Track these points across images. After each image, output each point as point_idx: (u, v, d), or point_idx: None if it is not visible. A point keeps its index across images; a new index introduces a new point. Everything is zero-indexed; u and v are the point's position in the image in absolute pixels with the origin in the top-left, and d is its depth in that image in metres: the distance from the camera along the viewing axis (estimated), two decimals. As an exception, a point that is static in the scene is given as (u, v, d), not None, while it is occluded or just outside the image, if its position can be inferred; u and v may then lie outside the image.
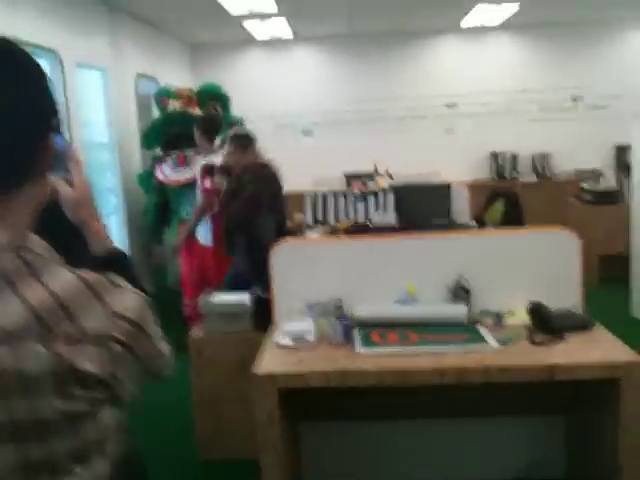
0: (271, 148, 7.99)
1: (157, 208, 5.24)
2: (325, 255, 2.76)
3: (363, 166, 6.59)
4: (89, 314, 0.82)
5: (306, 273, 2.72)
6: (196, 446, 3.14)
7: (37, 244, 0.89)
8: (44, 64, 4.48)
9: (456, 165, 7.93)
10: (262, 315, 2.90)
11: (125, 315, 0.86)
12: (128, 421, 0.95)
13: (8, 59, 0.86)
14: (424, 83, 8.17)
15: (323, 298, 2.66)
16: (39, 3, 4.39)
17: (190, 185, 4.72)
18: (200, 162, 4.48)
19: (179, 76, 7.61)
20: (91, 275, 0.87)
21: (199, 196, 4.45)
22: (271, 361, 2.29)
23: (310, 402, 2.68)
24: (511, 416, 2.76)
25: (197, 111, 5.36)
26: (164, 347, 0.95)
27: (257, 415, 2.15)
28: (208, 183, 4.31)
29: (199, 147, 4.61)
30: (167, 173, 5.05)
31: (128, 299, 0.88)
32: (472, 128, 8.21)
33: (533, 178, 7.93)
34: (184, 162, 5.01)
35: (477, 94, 8.12)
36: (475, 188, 7.43)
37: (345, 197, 4.96)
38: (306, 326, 2.50)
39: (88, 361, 0.81)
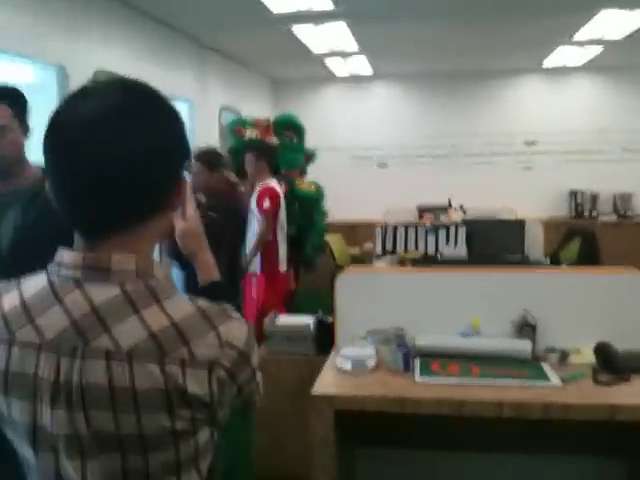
0: (347, 179, 8.25)
1: None
2: (389, 284, 2.80)
3: (438, 200, 6.61)
4: (202, 341, 0.88)
5: (369, 301, 2.77)
6: (254, 461, 3.22)
7: (158, 272, 0.96)
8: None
9: (533, 202, 7.82)
10: (324, 338, 2.96)
11: (234, 344, 0.91)
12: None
13: (160, 101, 0.95)
14: (503, 121, 8.14)
15: (385, 326, 2.70)
16: (135, 38, 4.72)
17: None
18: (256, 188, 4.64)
19: (260, 109, 7.90)
20: (206, 304, 0.93)
21: (256, 222, 4.55)
22: (329, 383, 2.34)
23: (367, 429, 2.71)
24: (571, 455, 2.69)
25: (273, 140, 5.54)
26: (259, 376, 1.00)
27: (312, 435, 2.20)
28: (267, 204, 4.49)
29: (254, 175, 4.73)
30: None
31: (238, 329, 0.93)
32: (551, 166, 8.09)
33: (613, 218, 7.70)
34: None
35: (557, 133, 8.02)
36: (552, 226, 7.31)
37: (416, 229, 4.98)
38: (366, 352, 2.54)
39: (197, 384, 0.88)
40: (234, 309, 0.97)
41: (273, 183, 4.66)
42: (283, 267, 4.72)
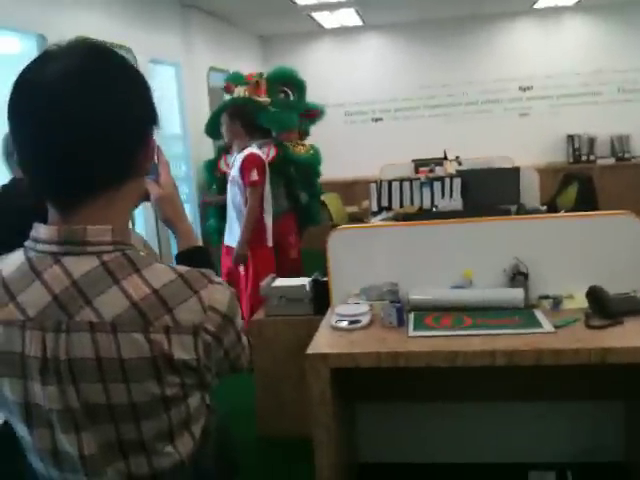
0: (342, 136, 8.16)
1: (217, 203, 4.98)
2: (381, 240, 2.80)
3: (435, 153, 6.54)
4: (185, 307, 0.90)
5: (362, 258, 2.77)
6: (256, 422, 3.28)
7: (135, 240, 0.96)
8: (119, 61, 4.72)
9: (531, 149, 7.76)
10: (321, 298, 2.98)
11: (217, 308, 0.92)
12: (215, 403, 1.02)
13: (122, 63, 0.94)
14: (497, 67, 8.00)
15: (379, 282, 2.71)
16: (112, 2, 4.62)
17: None
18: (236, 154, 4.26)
19: (250, 68, 7.77)
20: (186, 269, 0.94)
21: (238, 192, 4.17)
22: (325, 342, 2.36)
23: (367, 383, 2.75)
24: (569, 400, 2.73)
25: (263, 98, 5.08)
26: (245, 340, 1.02)
27: (310, 394, 2.24)
28: (255, 175, 4.10)
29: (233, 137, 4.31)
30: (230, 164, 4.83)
31: (220, 293, 0.94)
32: (547, 111, 7.99)
33: (611, 161, 7.65)
34: None
35: (552, 76, 7.89)
36: (550, 172, 7.28)
37: (411, 183, 4.95)
38: (360, 309, 2.55)
39: (182, 350, 0.89)
40: (214, 273, 0.97)
41: (254, 149, 4.23)
42: (270, 241, 4.32)
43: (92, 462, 0.91)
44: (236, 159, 4.24)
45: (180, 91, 5.69)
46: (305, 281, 3.18)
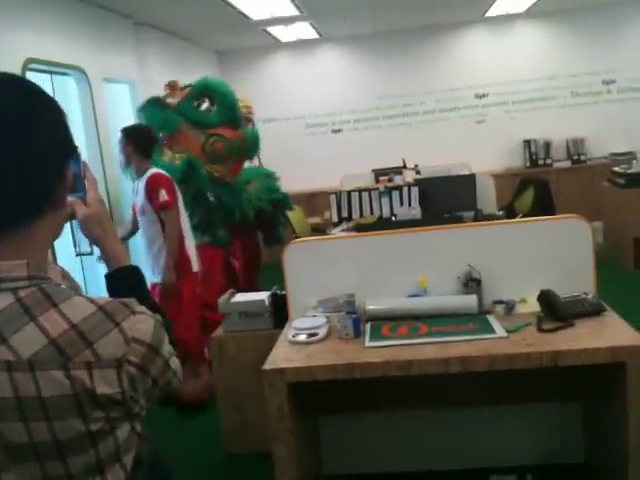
0: (303, 148, 8.20)
1: None
2: (337, 252, 2.81)
3: (395, 162, 6.62)
4: (106, 340, 0.88)
5: (319, 270, 2.78)
6: (222, 440, 3.26)
7: (55, 273, 0.93)
8: (71, 82, 4.67)
9: (488, 155, 7.88)
10: (281, 312, 2.98)
11: (140, 339, 0.91)
12: (146, 429, 1.00)
13: (28, 95, 0.92)
14: (453, 76, 8.12)
15: (336, 294, 2.72)
16: (65, 24, 4.58)
17: None
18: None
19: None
20: (107, 302, 0.92)
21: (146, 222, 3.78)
22: (281, 356, 2.36)
23: (329, 396, 2.75)
24: (529, 403, 2.78)
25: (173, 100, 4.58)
26: (174, 363, 1.00)
27: (267, 410, 2.23)
28: (164, 195, 3.70)
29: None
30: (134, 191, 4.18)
31: (143, 323, 0.92)
32: (503, 117, 8.13)
33: (567, 164, 7.81)
34: None
35: (506, 83, 8.04)
36: (508, 177, 7.41)
37: (369, 193, 5.00)
38: (317, 322, 2.56)
39: (106, 385, 0.87)
40: (136, 302, 0.95)
41: (155, 169, 3.83)
42: (195, 267, 3.91)
43: None
44: (138, 184, 3.82)
45: (135, 109, 5.65)
46: (264, 295, 3.18)
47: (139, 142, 3.82)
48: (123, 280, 1.13)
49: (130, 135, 3.86)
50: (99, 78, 4.82)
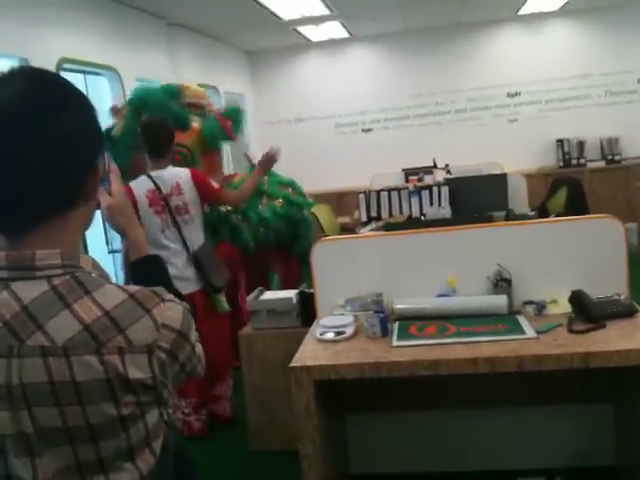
0: (332, 147, 8.20)
1: None
2: (365, 251, 2.81)
3: (425, 161, 6.57)
4: (138, 326, 0.91)
5: (347, 269, 2.78)
6: (247, 436, 3.28)
7: (86, 262, 0.97)
8: (104, 82, 4.75)
9: (521, 155, 7.78)
10: (308, 310, 2.98)
11: (170, 325, 0.94)
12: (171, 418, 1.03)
13: (63, 89, 0.95)
14: (485, 74, 8.04)
15: (364, 293, 2.71)
16: (99, 24, 4.65)
17: None
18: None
19: (238, 84, 7.83)
20: (137, 289, 0.95)
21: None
22: (309, 354, 2.36)
23: (357, 394, 2.75)
24: (558, 404, 2.73)
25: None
26: (199, 349, 1.03)
27: (294, 407, 2.24)
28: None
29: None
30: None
31: (172, 310, 0.95)
32: (536, 116, 8.02)
33: (601, 164, 7.67)
34: None
35: (539, 82, 7.93)
36: (540, 177, 7.31)
37: (399, 193, 4.97)
38: (345, 320, 2.56)
39: (137, 370, 0.90)
40: (165, 290, 0.98)
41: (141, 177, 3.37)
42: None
43: None
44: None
45: (168, 108, 5.71)
46: (292, 294, 3.19)
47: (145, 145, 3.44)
48: (148, 268, 1.17)
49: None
50: (132, 78, 4.89)
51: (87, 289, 0.91)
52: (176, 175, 3.36)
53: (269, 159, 3.75)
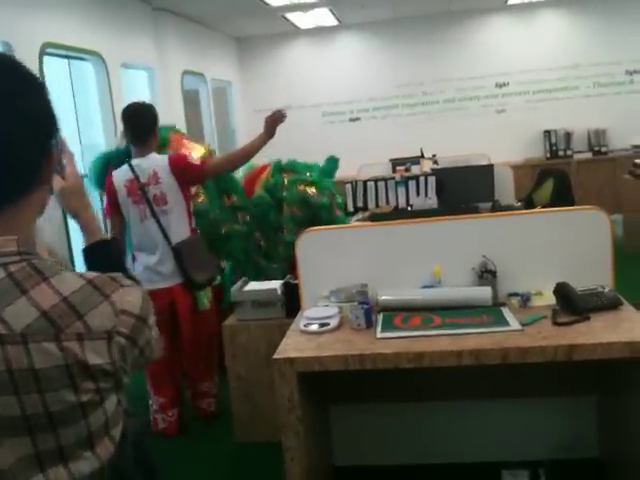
0: (319, 136, 8.15)
1: None
2: (350, 241, 2.79)
3: (413, 151, 6.55)
4: (96, 312, 0.89)
5: (332, 260, 2.76)
6: (233, 428, 3.27)
7: (42, 248, 0.95)
8: (89, 67, 4.68)
9: (508, 145, 7.79)
10: (293, 301, 2.96)
11: (129, 310, 0.93)
12: (129, 404, 1.02)
13: (14, 74, 0.92)
14: (473, 64, 8.03)
15: (349, 284, 2.69)
16: (83, 8, 4.57)
17: None
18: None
19: (226, 70, 7.75)
20: (96, 276, 0.93)
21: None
22: (292, 346, 2.34)
23: (341, 386, 2.74)
24: (543, 397, 2.74)
25: None
26: (156, 332, 1.03)
27: (277, 399, 2.22)
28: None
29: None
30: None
31: (131, 295, 0.95)
32: (524, 107, 8.04)
33: (588, 155, 7.69)
34: None
35: (528, 72, 7.93)
36: (527, 168, 7.32)
37: (386, 183, 4.95)
38: (329, 312, 2.54)
39: (97, 355, 0.89)
40: (123, 276, 0.97)
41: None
42: None
43: (7, 477, 0.89)
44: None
45: (154, 95, 5.65)
46: (276, 284, 3.16)
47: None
48: (101, 253, 1.15)
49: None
50: (117, 63, 4.82)
51: (44, 276, 0.89)
52: (154, 163, 3.20)
53: (277, 118, 3.50)
